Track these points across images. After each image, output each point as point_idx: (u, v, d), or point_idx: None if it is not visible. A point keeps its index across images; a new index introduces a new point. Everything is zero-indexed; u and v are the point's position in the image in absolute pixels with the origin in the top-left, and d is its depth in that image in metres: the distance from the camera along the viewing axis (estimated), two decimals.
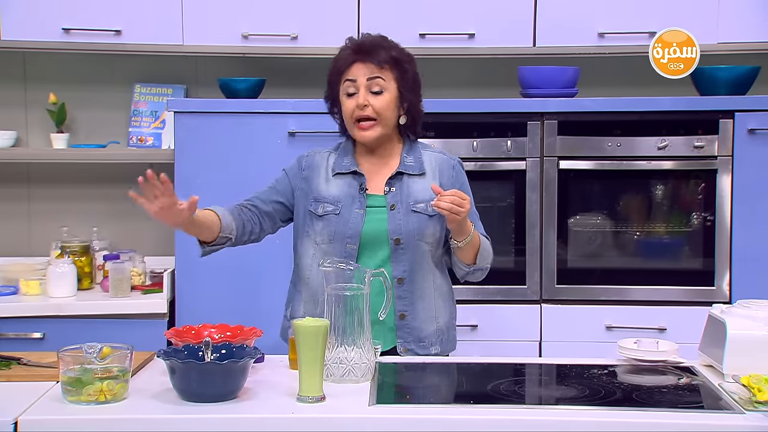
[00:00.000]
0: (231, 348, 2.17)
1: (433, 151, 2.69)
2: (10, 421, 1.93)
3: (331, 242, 2.55)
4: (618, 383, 2.26)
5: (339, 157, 2.63)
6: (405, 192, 2.58)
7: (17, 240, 3.86)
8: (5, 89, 3.84)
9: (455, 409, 2.06)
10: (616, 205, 3.52)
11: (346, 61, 2.57)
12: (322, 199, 2.58)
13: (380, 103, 2.54)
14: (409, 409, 2.06)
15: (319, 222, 2.56)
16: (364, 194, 2.57)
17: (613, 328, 3.39)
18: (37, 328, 3.31)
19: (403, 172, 2.60)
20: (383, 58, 2.55)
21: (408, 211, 2.56)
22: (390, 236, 2.54)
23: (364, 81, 2.54)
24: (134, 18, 3.51)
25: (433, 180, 2.61)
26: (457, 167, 2.68)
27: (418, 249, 2.56)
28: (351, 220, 2.54)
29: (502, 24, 3.55)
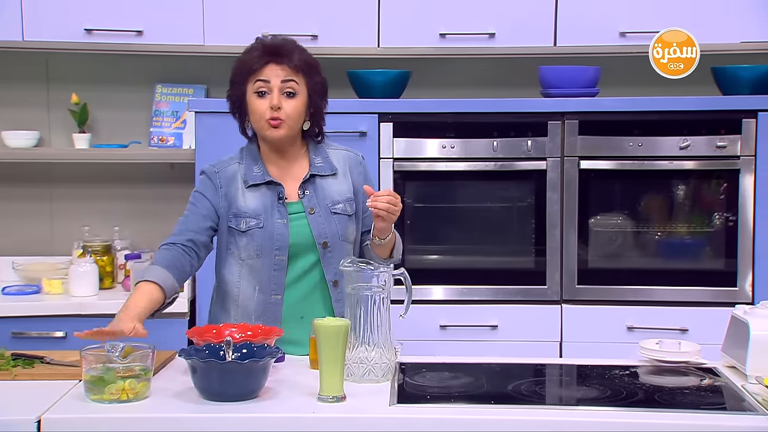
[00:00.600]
0: (252, 347, 2.17)
1: (338, 149, 2.67)
2: (33, 420, 1.94)
3: (259, 257, 2.51)
4: (640, 384, 2.25)
5: (248, 166, 2.57)
6: (320, 194, 2.57)
7: (40, 239, 3.88)
8: (28, 89, 3.87)
9: (476, 410, 2.05)
10: (637, 205, 3.51)
11: (259, 61, 2.51)
12: (242, 214, 2.52)
13: (291, 107, 2.51)
14: (429, 409, 2.05)
15: (243, 238, 2.52)
16: (283, 203, 2.54)
17: (635, 328, 3.37)
18: (59, 326, 3.34)
19: (315, 174, 2.58)
20: (297, 61, 2.52)
21: (328, 213, 2.55)
22: (317, 240, 2.52)
23: (278, 83, 2.50)
24: (155, 18, 3.53)
25: (345, 179, 2.61)
26: (363, 162, 2.68)
27: (343, 250, 2.56)
28: (276, 232, 2.51)
29: (522, 23, 3.54)
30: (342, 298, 2.53)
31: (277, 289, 2.52)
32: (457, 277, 3.49)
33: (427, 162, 3.46)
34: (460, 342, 3.39)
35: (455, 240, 3.55)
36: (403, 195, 3.45)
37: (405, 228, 3.46)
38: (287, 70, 2.51)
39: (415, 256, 3.48)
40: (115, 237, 3.79)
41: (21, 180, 3.88)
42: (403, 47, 3.58)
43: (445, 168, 3.46)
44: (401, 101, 3.55)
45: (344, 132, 3.39)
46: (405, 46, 3.58)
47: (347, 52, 3.59)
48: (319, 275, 2.54)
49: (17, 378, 2.22)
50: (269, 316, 2.52)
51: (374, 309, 2.25)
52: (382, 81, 3.55)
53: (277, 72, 2.51)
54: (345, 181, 2.61)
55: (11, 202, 3.88)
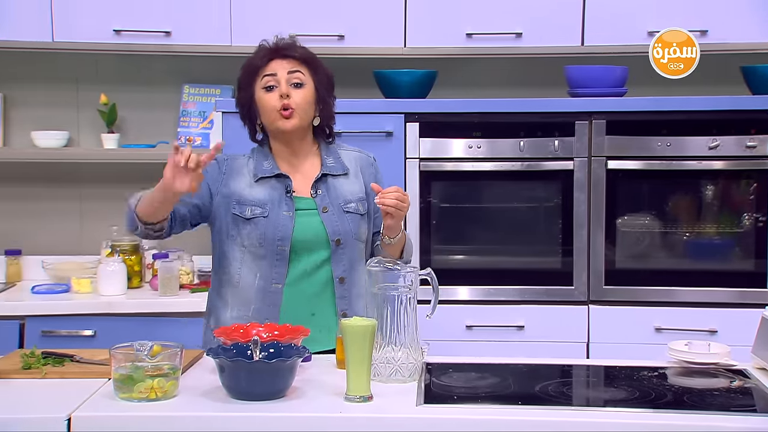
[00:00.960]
0: (279, 347, 2.18)
1: (350, 150, 2.69)
2: (63, 418, 1.95)
3: (261, 245, 2.53)
4: (668, 386, 2.23)
5: (258, 161, 2.60)
6: (333, 194, 2.59)
7: (69, 239, 3.92)
8: (58, 90, 3.91)
9: (503, 410, 2.05)
10: (665, 205, 3.48)
11: (263, 59, 2.57)
12: (247, 202, 2.55)
13: (300, 96, 2.54)
14: (456, 409, 2.05)
15: (247, 225, 2.54)
16: (290, 197, 2.56)
17: (663, 330, 3.35)
18: (88, 325, 3.36)
19: (327, 174, 2.60)
20: (300, 54, 2.58)
21: (341, 212, 2.57)
22: (331, 238, 2.54)
23: (284, 74, 2.54)
24: (183, 19, 3.55)
25: (356, 179, 2.63)
26: (375, 164, 2.70)
27: (355, 248, 2.58)
28: (280, 223, 2.53)
29: (549, 23, 3.53)
30: (346, 294, 2.56)
31: (279, 279, 2.53)
32: (484, 278, 3.49)
33: (453, 162, 3.46)
34: (486, 342, 3.38)
35: (481, 240, 3.54)
36: (428, 195, 3.45)
37: (431, 228, 3.46)
38: (292, 62, 2.56)
39: (441, 256, 3.48)
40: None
41: (50, 180, 3.91)
42: (430, 47, 3.58)
43: (472, 168, 3.45)
44: (427, 101, 3.55)
45: (370, 132, 3.40)
46: (431, 46, 3.58)
47: (373, 52, 3.59)
48: (330, 272, 2.56)
49: (47, 376, 2.24)
50: (267, 305, 2.53)
51: (401, 309, 2.25)
52: (409, 81, 3.55)
53: (283, 65, 2.56)
54: (357, 181, 2.63)
55: (41, 201, 3.92)
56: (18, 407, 2.05)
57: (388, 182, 2.75)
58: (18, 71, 3.87)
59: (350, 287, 2.57)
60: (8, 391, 2.14)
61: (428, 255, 3.45)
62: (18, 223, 3.91)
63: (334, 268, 2.56)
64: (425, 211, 3.45)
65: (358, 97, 3.49)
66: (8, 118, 3.88)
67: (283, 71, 2.55)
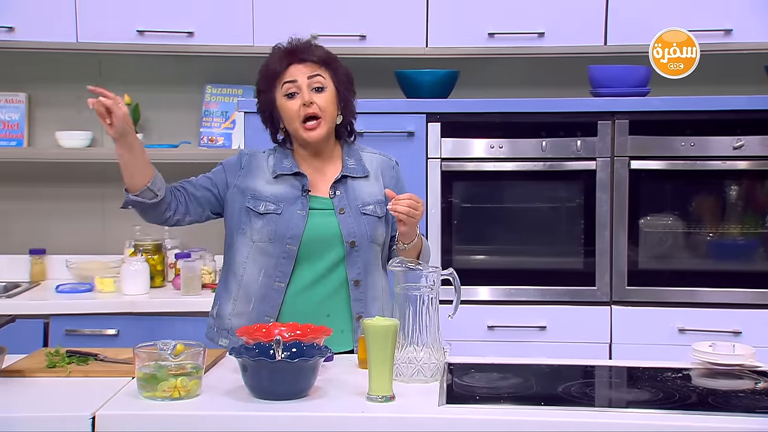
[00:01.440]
0: (301, 346, 2.18)
1: (372, 152, 2.68)
2: (88, 416, 1.97)
3: (271, 241, 2.53)
4: (693, 387, 2.22)
5: (279, 159, 2.61)
6: (351, 195, 2.58)
7: (92, 239, 3.94)
8: (82, 90, 3.89)
9: (525, 411, 2.04)
10: (688, 205, 3.46)
11: (281, 63, 2.55)
12: (263, 198, 2.55)
13: (323, 101, 2.53)
14: (478, 409, 2.04)
15: (259, 220, 2.54)
16: (306, 196, 2.56)
17: (686, 331, 3.33)
18: (112, 324, 3.39)
19: (347, 176, 2.60)
20: (318, 56, 2.56)
21: (358, 214, 2.57)
22: (345, 239, 2.54)
23: (305, 80, 2.53)
24: (206, 20, 3.57)
25: (377, 182, 2.62)
26: (396, 167, 2.70)
27: (370, 250, 2.57)
28: (292, 221, 2.53)
29: (572, 22, 3.51)
30: (362, 297, 2.55)
31: (282, 278, 2.53)
32: (505, 278, 3.48)
33: (475, 162, 3.45)
34: (507, 343, 3.37)
35: (503, 240, 3.54)
36: (450, 195, 3.45)
37: (452, 228, 3.46)
38: (310, 66, 2.55)
39: (462, 256, 3.47)
40: (166, 236, 3.84)
41: (74, 180, 3.94)
42: (452, 47, 3.58)
43: (493, 168, 3.45)
44: (449, 101, 3.54)
45: (392, 132, 3.40)
46: (453, 46, 3.58)
47: (395, 52, 3.59)
48: (344, 274, 2.56)
49: (72, 375, 2.25)
50: (269, 302, 2.53)
51: (423, 309, 2.25)
52: (430, 81, 3.55)
53: (301, 69, 2.55)
54: (376, 184, 2.62)
55: (65, 201, 3.95)
56: (43, 405, 2.07)
57: (410, 182, 2.76)
58: (43, 72, 3.90)
59: (365, 290, 2.57)
60: (33, 390, 2.16)
61: (449, 255, 3.45)
62: (42, 223, 3.94)
63: (348, 270, 2.55)
64: (446, 211, 3.45)
65: (379, 97, 3.49)
66: (33, 118, 3.92)
67: (303, 77, 2.54)
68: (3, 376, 2.20)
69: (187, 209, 2.58)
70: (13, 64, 3.86)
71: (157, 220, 2.57)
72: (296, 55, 2.56)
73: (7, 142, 3.85)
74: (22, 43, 3.57)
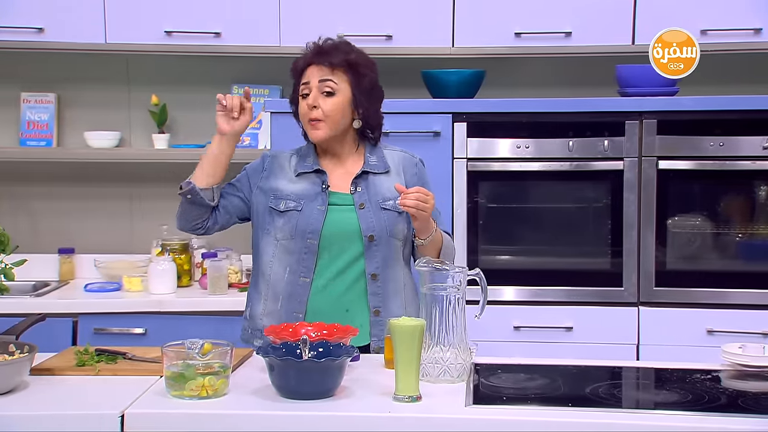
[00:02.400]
0: (328, 346, 2.19)
1: (396, 150, 2.70)
2: (117, 414, 1.98)
3: (293, 238, 2.56)
4: (722, 389, 2.20)
5: (301, 158, 2.65)
6: (372, 191, 2.60)
7: (120, 238, 3.97)
8: (110, 91, 3.96)
9: (553, 412, 2.03)
10: (717, 206, 3.44)
11: (303, 63, 2.61)
12: (284, 196, 2.59)
13: (329, 106, 2.55)
14: (505, 410, 2.04)
15: (281, 218, 2.58)
16: (326, 192, 2.58)
17: (715, 332, 3.30)
18: (139, 323, 3.41)
19: (368, 171, 2.61)
20: (337, 60, 2.57)
21: (378, 209, 2.58)
22: (364, 233, 2.55)
23: (315, 83, 2.57)
24: (233, 20, 3.59)
25: (398, 177, 2.63)
26: (419, 165, 2.69)
27: (390, 245, 2.58)
28: (312, 217, 2.56)
29: (599, 22, 3.50)
30: (379, 291, 2.56)
31: (306, 273, 2.55)
32: (531, 278, 3.47)
33: (501, 162, 3.44)
34: (534, 343, 3.36)
35: (529, 240, 3.52)
36: (476, 195, 3.44)
37: (478, 228, 3.45)
38: (324, 70, 2.57)
39: (488, 256, 3.47)
40: (192, 236, 3.84)
41: (103, 180, 3.97)
42: (478, 47, 3.57)
43: (519, 168, 3.44)
44: (475, 101, 3.53)
45: (418, 132, 3.40)
46: (480, 46, 3.57)
47: (421, 52, 3.59)
48: (362, 269, 2.57)
49: (101, 373, 2.27)
50: (296, 299, 2.55)
51: (449, 309, 2.24)
52: (457, 81, 3.54)
53: (315, 72, 2.58)
54: (398, 180, 2.63)
55: (93, 201, 3.98)
56: (73, 404, 2.08)
57: (436, 182, 2.75)
58: (72, 72, 3.93)
59: (384, 284, 2.57)
60: (63, 388, 2.18)
61: (475, 255, 3.44)
62: (71, 223, 3.97)
63: (367, 264, 2.56)
64: (472, 211, 3.44)
65: (405, 97, 3.49)
66: (62, 118, 3.95)
67: (315, 80, 2.57)
68: (33, 374, 2.22)
69: (216, 218, 2.64)
70: (42, 64, 3.89)
71: (192, 223, 2.63)
72: (316, 57, 2.59)
73: (37, 142, 3.88)
74: (51, 44, 3.60)
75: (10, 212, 3.91)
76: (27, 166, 3.93)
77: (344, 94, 2.57)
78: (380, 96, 2.66)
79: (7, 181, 3.95)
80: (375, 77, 2.63)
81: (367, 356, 2.43)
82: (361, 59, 2.61)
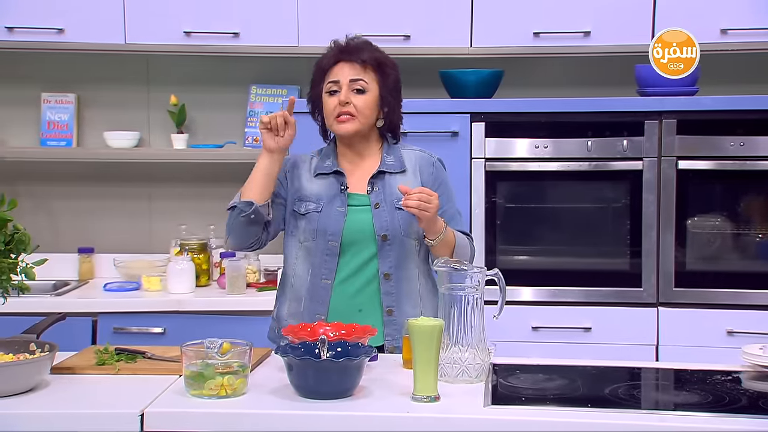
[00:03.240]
0: (346, 346, 2.19)
1: (413, 149, 2.69)
2: (136, 413, 1.99)
3: (314, 239, 2.57)
4: (743, 390, 2.19)
5: (321, 159, 2.65)
6: (387, 190, 2.59)
7: (139, 238, 3.99)
8: (130, 91, 3.98)
9: (572, 412, 2.02)
10: (737, 206, 3.41)
11: (330, 60, 2.59)
12: (304, 198, 2.60)
13: (361, 102, 2.56)
14: (524, 410, 2.03)
15: (302, 220, 2.59)
16: (345, 193, 2.59)
17: (735, 333, 3.28)
18: (158, 322, 3.42)
19: (384, 171, 2.61)
20: (367, 58, 2.57)
21: (393, 209, 2.58)
22: (377, 233, 2.56)
23: (346, 81, 2.56)
24: (251, 20, 3.59)
25: (414, 177, 2.62)
26: (437, 164, 2.68)
27: (404, 245, 2.58)
28: (332, 218, 2.56)
29: (618, 21, 3.48)
30: (392, 291, 2.56)
31: (328, 274, 2.56)
32: (549, 278, 3.46)
33: (519, 162, 3.43)
34: (552, 344, 3.35)
35: (547, 241, 3.52)
36: (494, 195, 3.43)
37: (496, 228, 3.44)
38: (356, 69, 2.57)
39: (506, 256, 3.46)
40: (211, 235, 3.87)
41: (122, 179, 3.99)
42: (496, 47, 3.56)
43: (537, 168, 3.43)
44: (493, 101, 3.53)
45: (436, 132, 3.39)
46: (498, 46, 3.56)
47: (440, 52, 3.59)
48: (376, 268, 2.57)
49: (120, 372, 2.28)
50: (318, 300, 2.56)
51: (468, 309, 2.24)
52: (475, 81, 3.53)
53: (346, 71, 2.57)
54: (414, 179, 2.62)
55: (113, 201, 4.00)
56: (93, 402, 2.10)
57: (454, 182, 2.75)
58: (91, 73, 3.95)
59: (397, 284, 2.57)
60: (83, 387, 2.19)
61: (493, 255, 3.43)
62: (91, 222, 4.00)
63: (380, 264, 2.57)
64: (490, 211, 3.44)
65: (423, 97, 3.49)
66: (82, 118, 3.97)
67: (346, 78, 2.57)
68: (54, 373, 2.24)
69: (269, 231, 2.61)
70: (62, 65, 3.92)
71: (251, 240, 2.58)
72: (345, 55, 2.59)
73: (57, 142, 3.91)
74: (71, 44, 3.62)
75: (30, 212, 3.94)
76: (47, 166, 3.96)
77: (373, 93, 2.58)
78: (401, 95, 2.67)
79: (27, 180, 3.98)
80: (399, 77, 2.64)
81: (385, 356, 2.43)
82: (386, 59, 2.63)
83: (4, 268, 2.25)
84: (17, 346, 2.23)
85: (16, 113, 3.97)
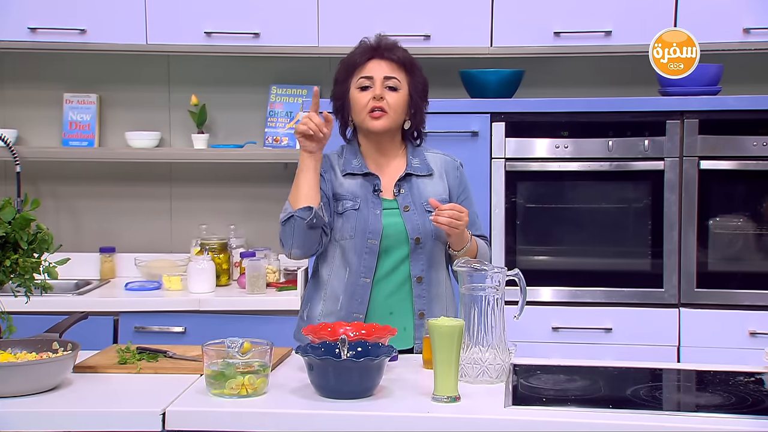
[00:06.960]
0: (367, 346, 2.19)
1: (436, 152, 2.69)
2: (158, 412, 2.00)
3: (353, 237, 2.55)
4: (766, 392, 2.17)
5: (346, 159, 2.63)
6: (416, 193, 2.59)
7: (160, 237, 4.00)
8: (151, 91, 4.00)
9: (593, 413, 2.02)
10: (760, 206, 3.39)
11: (363, 56, 2.59)
12: (340, 197, 2.59)
13: (393, 100, 2.56)
14: (545, 411, 2.03)
15: (339, 219, 2.57)
16: (378, 195, 2.58)
17: (758, 334, 3.25)
18: (179, 322, 3.44)
19: (411, 174, 2.60)
20: (400, 57, 2.58)
21: (422, 212, 2.58)
22: (410, 236, 2.55)
23: (380, 77, 2.56)
24: (272, 21, 3.60)
25: (441, 180, 2.62)
26: (460, 168, 2.69)
27: (435, 248, 2.58)
28: (371, 216, 2.56)
29: (640, 20, 3.46)
30: (425, 294, 2.56)
31: (367, 273, 2.55)
32: (570, 279, 3.45)
33: (540, 162, 3.42)
34: (573, 344, 3.34)
35: (567, 241, 3.50)
36: (514, 195, 3.43)
37: (516, 228, 3.44)
38: (391, 66, 2.58)
39: (526, 257, 3.45)
40: (231, 235, 3.88)
41: (143, 179, 4.01)
42: (517, 47, 3.55)
43: (558, 168, 3.42)
44: (514, 101, 3.52)
45: (456, 132, 3.39)
46: (518, 46, 3.55)
47: (460, 52, 3.59)
48: (408, 271, 2.57)
49: (142, 371, 2.29)
50: (356, 299, 2.55)
51: (488, 310, 2.24)
52: (495, 80, 3.53)
53: (381, 67, 2.58)
54: (441, 183, 2.63)
55: (134, 200, 4.01)
56: (115, 401, 2.11)
57: (474, 182, 2.75)
58: (113, 73, 3.98)
59: (428, 287, 2.57)
60: (105, 385, 2.21)
61: (513, 255, 3.42)
62: (112, 222, 4.02)
63: (412, 267, 2.57)
64: (510, 211, 3.43)
65: (443, 96, 3.47)
66: (103, 118, 3.99)
67: (380, 75, 2.57)
68: (76, 372, 2.25)
69: (325, 231, 2.58)
70: (84, 65, 3.94)
71: (314, 247, 2.55)
72: (379, 52, 2.59)
73: (79, 143, 3.93)
74: (93, 45, 3.65)
75: (53, 211, 3.97)
76: (69, 166, 3.98)
77: (404, 92, 2.59)
78: (427, 97, 2.67)
79: (50, 180, 4.01)
80: (426, 81, 2.65)
81: (405, 356, 2.43)
82: (414, 60, 2.64)
83: (27, 267, 2.27)
84: (40, 345, 2.26)
85: (38, 113, 3.99)
